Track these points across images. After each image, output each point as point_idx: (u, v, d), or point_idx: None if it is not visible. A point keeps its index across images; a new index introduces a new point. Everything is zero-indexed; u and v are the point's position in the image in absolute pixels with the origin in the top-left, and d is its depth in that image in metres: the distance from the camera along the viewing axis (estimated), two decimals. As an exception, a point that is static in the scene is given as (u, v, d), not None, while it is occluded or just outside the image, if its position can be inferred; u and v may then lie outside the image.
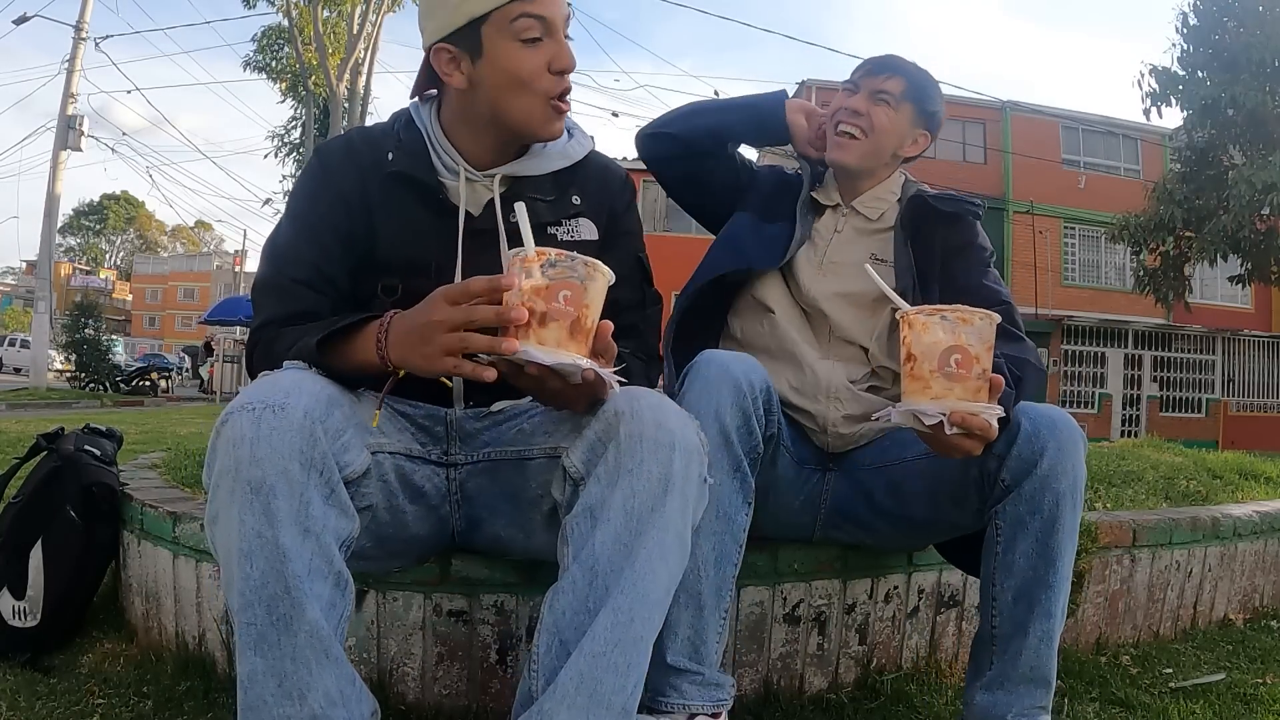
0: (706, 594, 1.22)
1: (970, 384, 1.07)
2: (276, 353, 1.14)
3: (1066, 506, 1.21)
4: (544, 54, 1.17)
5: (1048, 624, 1.24)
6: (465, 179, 1.24)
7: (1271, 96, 12.84)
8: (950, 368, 1.07)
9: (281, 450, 0.92)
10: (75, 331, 16.43)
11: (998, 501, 1.25)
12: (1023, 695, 1.26)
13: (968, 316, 1.07)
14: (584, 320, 0.94)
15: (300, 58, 16.90)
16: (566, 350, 0.93)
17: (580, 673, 0.94)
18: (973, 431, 1.09)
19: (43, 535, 1.68)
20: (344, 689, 0.94)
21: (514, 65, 1.16)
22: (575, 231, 1.30)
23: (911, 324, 1.10)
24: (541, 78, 1.18)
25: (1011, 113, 19.67)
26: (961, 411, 1.06)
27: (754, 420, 1.25)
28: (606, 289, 0.97)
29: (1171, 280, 14.58)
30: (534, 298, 0.93)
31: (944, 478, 1.32)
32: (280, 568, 0.91)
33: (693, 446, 1.03)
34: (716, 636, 1.24)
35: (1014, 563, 1.24)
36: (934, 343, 1.07)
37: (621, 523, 0.98)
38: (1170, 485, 2.57)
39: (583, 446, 1.05)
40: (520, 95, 1.18)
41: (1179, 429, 17.01)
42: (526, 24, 1.15)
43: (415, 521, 1.19)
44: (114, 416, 7.29)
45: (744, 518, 1.26)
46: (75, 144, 14.38)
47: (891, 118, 1.54)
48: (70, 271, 54.22)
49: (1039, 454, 1.20)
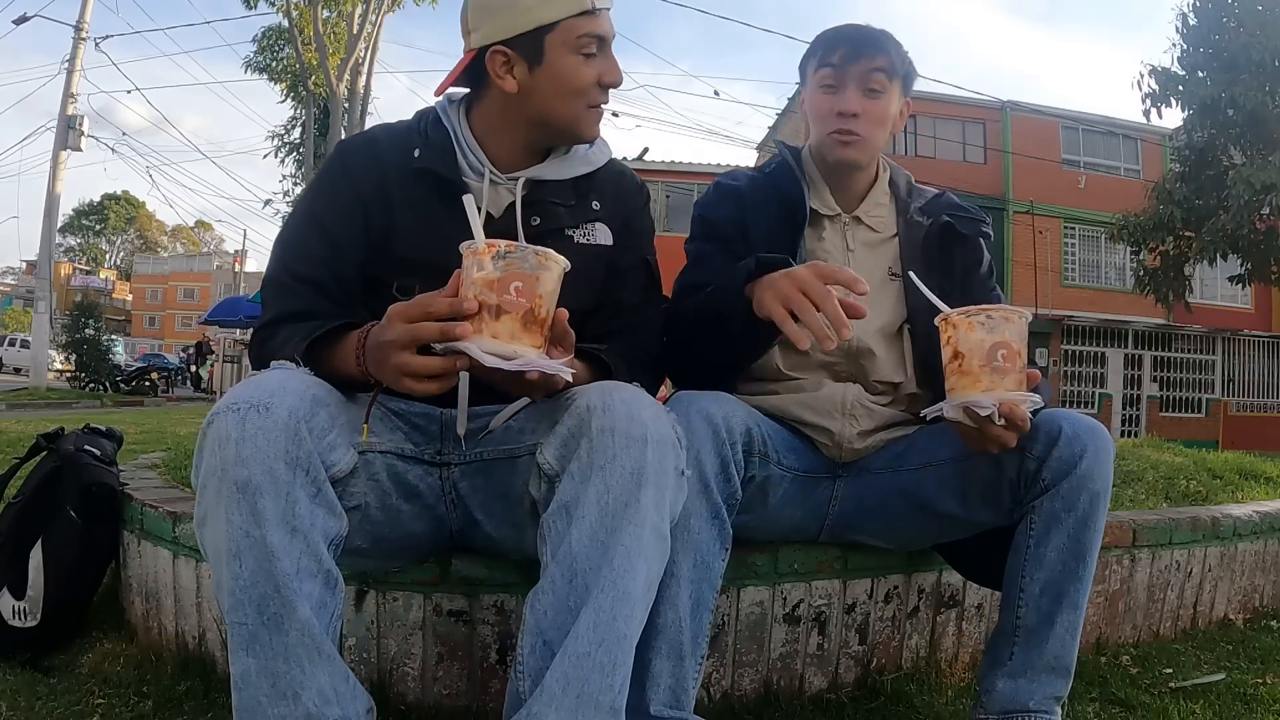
0: (686, 644, 1.21)
1: (1016, 377, 1.14)
2: (269, 350, 1.15)
3: (1100, 505, 1.28)
4: (597, 68, 1.24)
5: (1074, 615, 1.30)
6: (489, 181, 1.26)
7: (1271, 96, 12.83)
8: (998, 362, 1.14)
9: (266, 450, 0.93)
10: (75, 331, 16.44)
11: (1035, 499, 1.29)
12: (1045, 684, 1.31)
13: (1010, 315, 1.15)
14: (538, 311, 0.95)
15: (300, 58, 16.91)
16: (520, 342, 0.94)
17: (566, 674, 0.94)
18: (1015, 422, 1.15)
19: (43, 535, 1.69)
20: (338, 686, 0.94)
21: (572, 76, 1.23)
22: (592, 235, 1.32)
23: (956, 325, 1.16)
24: (593, 89, 1.25)
25: (1011, 112, 19.65)
26: (1010, 401, 1.13)
27: (732, 467, 1.24)
28: (561, 277, 0.98)
29: (1171, 280, 14.57)
30: (486, 290, 0.94)
31: (976, 477, 1.34)
32: (269, 567, 0.91)
33: (667, 440, 1.03)
34: (694, 680, 1.24)
35: (1045, 556, 1.29)
36: (980, 340, 1.14)
37: (596, 519, 0.98)
38: (1170, 485, 2.57)
39: (556, 442, 1.04)
40: (572, 102, 1.25)
41: (1179, 429, 16.99)
42: (588, 40, 1.22)
43: (411, 521, 1.19)
44: (114, 416, 7.29)
45: (720, 563, 1.26)
46: (75, 144, 14.38)
47: (886, 107, 1.45)
48: (70, 271, 54.23)
49: (1079, 456, 1.26)
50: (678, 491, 1.06)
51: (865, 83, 1.42)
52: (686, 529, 1.18)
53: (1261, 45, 12.59)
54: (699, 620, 1.23)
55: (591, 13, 1.22)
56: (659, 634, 1.18)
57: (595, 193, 1.33)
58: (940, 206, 1.52)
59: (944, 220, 1.48)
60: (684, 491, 1.08)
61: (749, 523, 1.37)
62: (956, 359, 1.16)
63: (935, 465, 1.38)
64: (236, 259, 44.31)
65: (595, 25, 1.22)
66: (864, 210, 1.52)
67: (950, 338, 1.17)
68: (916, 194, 1.55)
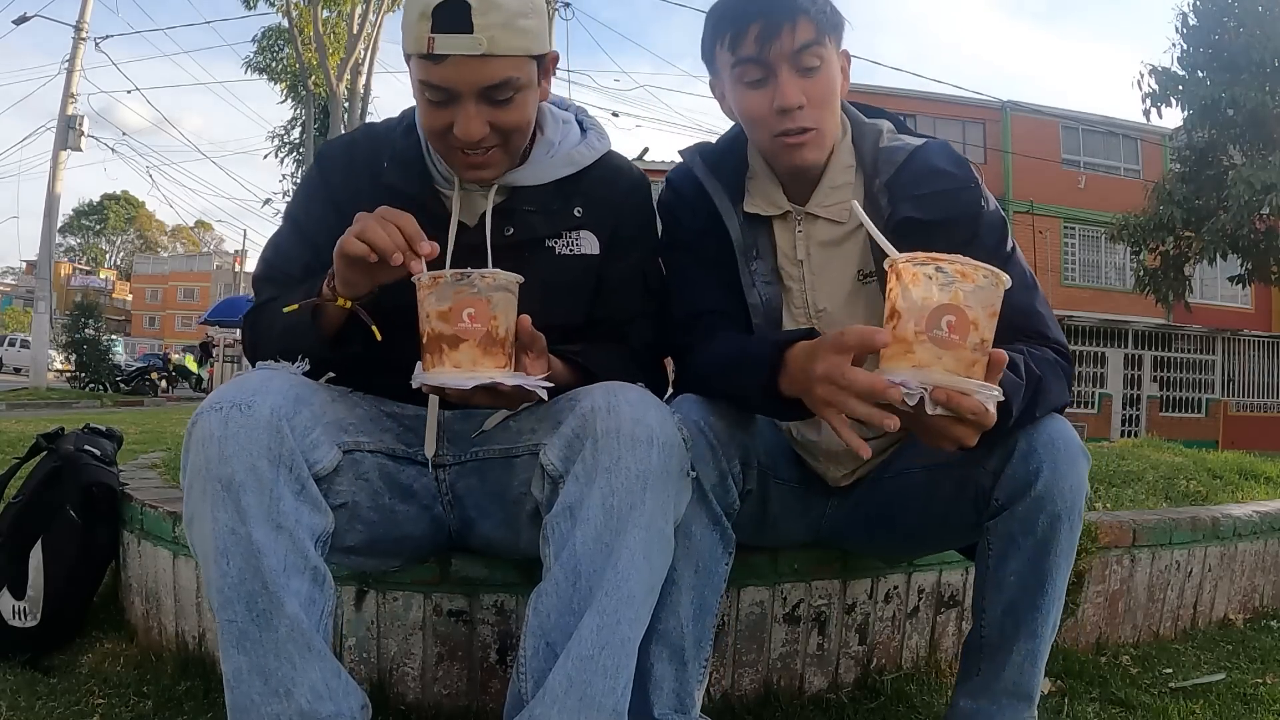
0: (689, 649, 1.19)
1: (964, 355, 0.86)
2: (261, 328, 1.18)
3: (1062, 528, 1.12)
4: (446, 116, 1.12)
5: (1032, 643, 1.18)
6: (460, 189, 1.21)
7: (1271, 96, 12.84)
8: (940, 330, 0.86)
9: (249, 447, 0.94)
10: (75, 331, 16.43)
11: (992, 518, 1.17)
12: (1005, 708, 1.22)
13: (968, 271, 0.86)
14: (495, 332, 0.96)
15: (300, 58, 16.90)
16: (482, 366, 0.96)
17: (569, 676, 0.94)
18: (963, 415, 0.88)
19: (43, 535, 1.69)
20: (330, 683, 0.95)
21: (421, 115, 1.15)
22: (575, 245, 1.25)
23: (900, 274, 0.89)
24: (447, 134, 1.15)
25: (1011, 113, 19.66)
26: (948, 388, 0.86)
27: (730, 479, 1.19)
28: (518, 290, 0.99)
29: (1171, 280, 14.57)
30: (440, 321, 0.96)
31: (938, 494, 1.24)
32: (256, 564, 0.92)
33: (673, 442, 1.02)
34: (698, 684, 1.22)
35: (1004, 580, 1.18)
36: (924, 299, 0.86)
37: (601, 521, 0.98)
38: (1170, 485, 2.57)
39: (560, 443, 1.04)
40: (433, 141, 1.18)
41: (1179, 429, 16.98)
42: (425, 88, 1.10)
43: (408, 521, 1.19)
44: (114, 416, 7.28)
45: (724, 567, 1.22)
46: (75, 144, 14.39)
47: (829, 79, 1.17)
48: (70, 271, 54.24)
49: (1034, 474, 1.10)
50: (682, 493, 1.06)
51: (798, 62, 1.14)
52: (687, 536, 1.16)
53: (1261, 45, 12.60)
54: (702, 625, 1.21)
55: (430, 59, 1.06)
56: (660, 639, 1.17)
57: (580, 196, 1.25)
58: (906, 182, 1.21)
59: (901, 217, 1.18)
60: (688, 493, 1.08)
61: (747, 534, 1.32)
62: (893, 318, 0.89)
63: (908, 473, 1.28)
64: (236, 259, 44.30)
65: (435, 75, 1.07)
66: (818, 201, 1.25)
67: (892, 289, 0.90)
68: (885, 159, 1.23)
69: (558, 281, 1.23)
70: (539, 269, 1.18)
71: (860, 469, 1.36)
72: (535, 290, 1.03)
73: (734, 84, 1.20)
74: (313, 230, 1.23)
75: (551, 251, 1.24)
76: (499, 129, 1.12)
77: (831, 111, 1.20)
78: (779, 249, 1.28)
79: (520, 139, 1.17)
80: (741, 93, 1.19)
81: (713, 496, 1.18)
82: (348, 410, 1.12)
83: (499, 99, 1.10)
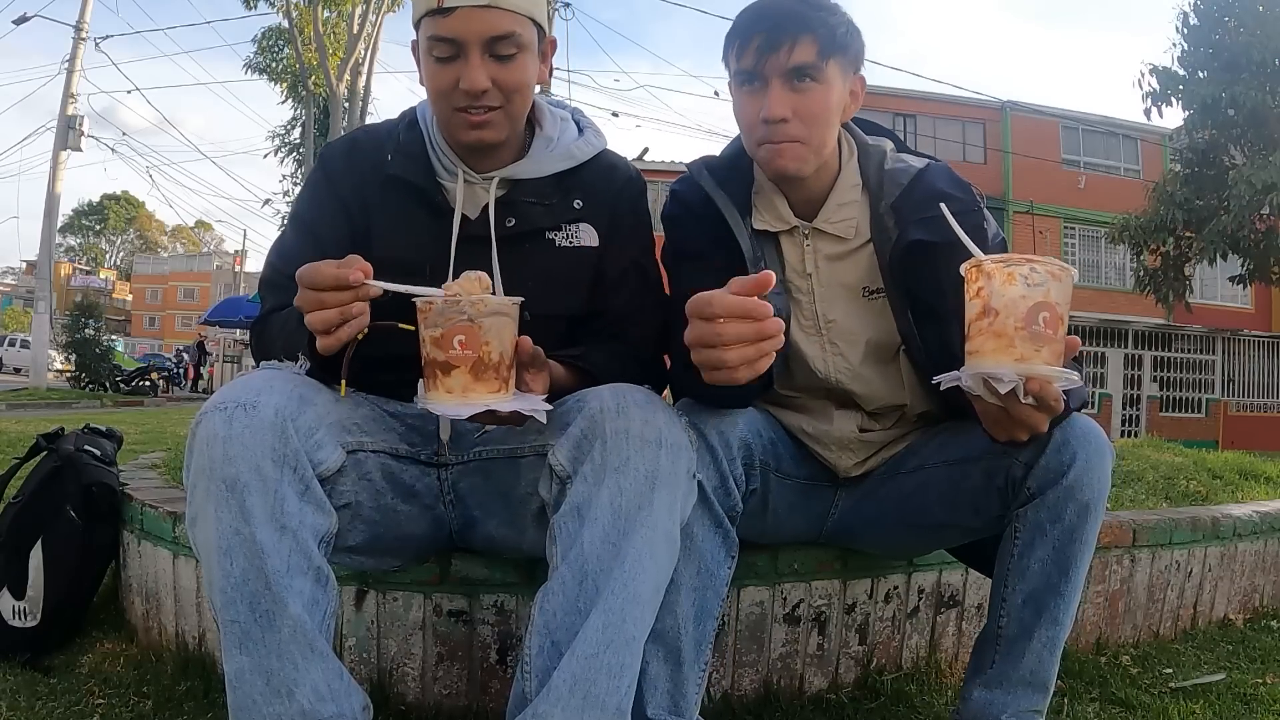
0: (686, 650, 1.19)
1: (1054, 347, 0.95)
2: (266, 340, 1.17)
3: (1088, 517, 1.18)
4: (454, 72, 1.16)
5: (1054, 630, 1.22)
6: (464, 181, 1.23)
7: (1271, 96, 12.83)
8: (1038, 326, 0.93)
9: (253, 448, 0.94)
10: (75, 331, 16.43)
11: (1020, 507, 1.21)
12: (1020, 697, 1.25)
13: (1057, 273, 0.94)
14: (486, 358, 0.96)
15: (300, 58, 16.90)
16: (474, 392, 0.95)
17: (574, 674, 0.94)
18: (1047, 402, 0.96)
19: (43, 535, 1.69)
20: (332, 683, 0.95)
21: (429, 79, 1.18)
22: (575, 237, 1.28)
23: (991, 275, 0.95)
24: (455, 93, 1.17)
25: (1011, 112, 19.67)
26: (1041, 378, 0.94)
27: (731, 481, 1.20)
28: (513, 312, 0.98)
29: (1171, 280, 14.57)
30: (434, 348, 0.96)
31: (965, 485, 1.26)
32: (259, 564, 0.92)
33: (680, 443, 1.03)
34: (697, 687, 1.22)
35: (1028, 567, 1.21)
36: (1020, 297, 0.93)
37: (609, 521, 0.98)
38: (1170, 485, 2.57)
39: (569, 444, 1.04)
40: (438, 105, 1.19)
41: (1179, 429, 17.00)
42: (435, 43, 1.15)
43: (409, 521, 1.19)
44: (114, 416, 7.28)
45: (726, 570, 1.23)
46: (75, 144, 14.40)
47: (824, 98, 1.18)
48: (70, 271, 54.21)
49: (1067, 464, 1.16)
50: (689, 495, 1.06)
51: (791, 78, 1.17)
52: (690, 538, 1.16)
53: (1261, 45, 12.59)
54: (702, 627, 1.21)
55: (440, 12, 1.13)
56: (657, 639, 1.16)
57: (579, 190, 1.28)
58: (913, 204, 1.23)
59: (910, 240, 1.20)
60: (694, 494, 1.08)
61: (749, 530, 1.33)
62: (986, 316, 0.95)
63: (927, 469, 1.31)
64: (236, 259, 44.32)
65: (443, 27, 1.12)
66: (825, 217, 1.27)
67: (981, 289, 0.96)
68: (890, 181, 1.27)
69: (558, 272, 1.25)
70: (539, 260, 1.23)
71: (871, 458, 1.37)
72: (536, 281, 1.05)
73: (735, 90, 1.25)
74: (320, 228, 1.24)
75: (552, 243, 1.26)
76: (501, 87, 1.15)
77: (822, 128, 1.21)
78: (787, 263, 1.30)
79: (520, 103, 1.19)
80: (739, 96, 1.24)
81: (715, 499, 1.19)
82: (351, 410, 1.12)
83: (503, 54, 1.14)
